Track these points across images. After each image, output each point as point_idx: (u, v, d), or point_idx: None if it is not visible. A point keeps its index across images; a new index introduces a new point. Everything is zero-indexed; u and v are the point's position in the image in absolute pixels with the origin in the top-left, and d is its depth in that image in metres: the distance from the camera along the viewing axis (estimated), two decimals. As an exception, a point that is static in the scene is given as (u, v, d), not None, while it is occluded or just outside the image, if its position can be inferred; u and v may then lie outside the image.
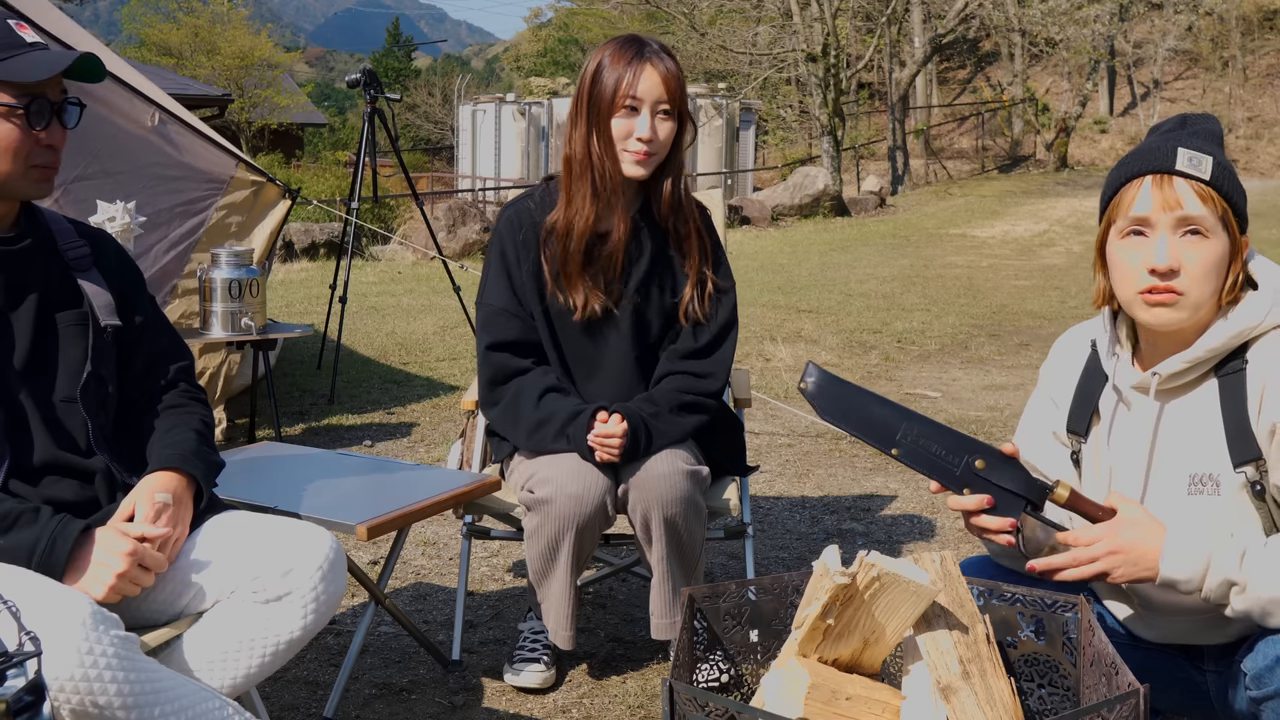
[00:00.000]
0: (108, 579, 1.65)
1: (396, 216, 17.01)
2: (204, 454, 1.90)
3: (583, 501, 2.31)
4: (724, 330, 2.55)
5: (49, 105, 1.78)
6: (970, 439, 1.69)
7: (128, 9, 33.07)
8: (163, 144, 4.40)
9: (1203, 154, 1.67)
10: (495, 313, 2.52)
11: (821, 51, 20.69)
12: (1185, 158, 1.66)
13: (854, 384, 1.74)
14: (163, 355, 2.01)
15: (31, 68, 1.73)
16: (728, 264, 2.63)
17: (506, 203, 2.67)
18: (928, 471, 1.68)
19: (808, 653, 1.55)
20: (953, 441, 1.68)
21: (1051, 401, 1.90)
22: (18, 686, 1.20)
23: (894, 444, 1.67)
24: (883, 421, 1.68)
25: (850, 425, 1.70)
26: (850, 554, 1.53)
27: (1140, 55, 30.45)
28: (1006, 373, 6.41)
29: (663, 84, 2.37)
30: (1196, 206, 1.64)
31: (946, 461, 1.67)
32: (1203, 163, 1.66)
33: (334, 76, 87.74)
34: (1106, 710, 1.37)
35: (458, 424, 5.05)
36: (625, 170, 2.42)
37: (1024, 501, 1.67)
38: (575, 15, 39.32)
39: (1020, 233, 15.16)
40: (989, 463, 1.67)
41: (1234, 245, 1.67)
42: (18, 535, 1.66)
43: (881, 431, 1.68)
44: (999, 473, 1.67)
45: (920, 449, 1.67)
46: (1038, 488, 1.67)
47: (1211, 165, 1.66)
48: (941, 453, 1.68)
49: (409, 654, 2.77)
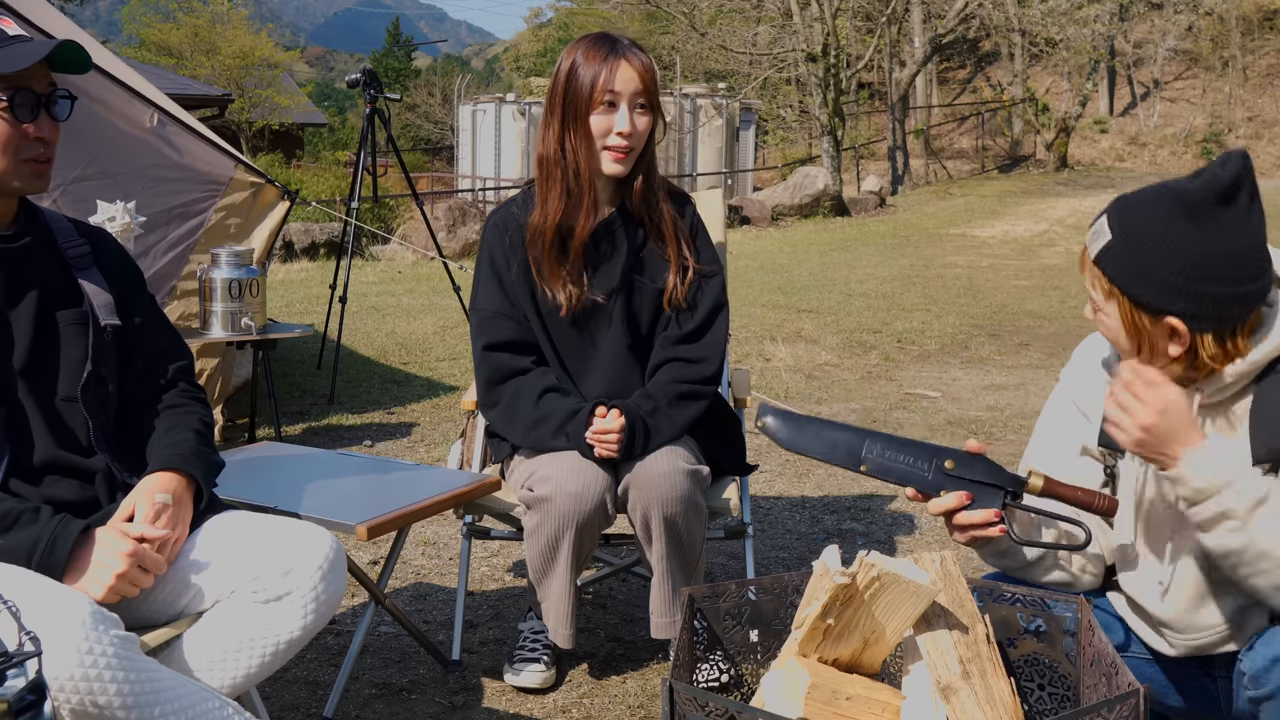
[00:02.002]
0: (107, 579, 1.65)
1: (396, 216, 17.01)
2: (204, 454, 1.90)
3: (583, 500, 2.31)
4: (712, 313, 2.55)
5: (35, 97, 1.77)
6: (934, 445, 1.73)
7: (128, 9, 33.08)
8: (162, 145, 4.40)
9: (1106, 228, 1.63)
10: (489, 316, 2.53)
11: (821, 51, 20.69)
12: (1091, 231, 1.67)
13: (808, 415, 1.82)
14: (162, 355, 2.01)
15: (9, 60, 1.72)
16: (713, 249, 2.63)
17: (491, 210, 2.68)
18: (899, 480, 1.73)
19: (808, 653, 1.55)
20: (918, 449, 1.73)
21: (1080, 413, 1.85)
22: (18, 686, 1.20)
23: (860, 460, 1.73)
24: (845, 443, 1.75)
25: (815, 451, 1.76)
26: (850, 554, 1.54)
27: (1140, 55, 30.46)
28: (1006, 373, 6.41)
29: (639, 78, 2.39)
30: (1092, 284, 1.67)
31: (916, 468, 1.72)
32: (1099, 236, 1.64)
33: (334, 76, 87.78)
34: (1106, 710, 1.37)
35: (458, 424, 5.05)
36: (605, 169, 2.44)
37: (1002, 491, 1.70)
38: (575, 15, 39.35)
39: (1020, 233, 15.16)
40: (958, 462, 1.71)
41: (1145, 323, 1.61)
42: (18, 535, 1.66)
43: (845, 452, 1.74)
44: (970, 469, 1.71)
45: (887, 461, 1.73)
46: (1011, 478, 1.70)
47: (1106, 243, 1.62)
48: (909, 460, 1.73)
49: (409, 654, 2.77)
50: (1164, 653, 1.79)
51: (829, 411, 5.34)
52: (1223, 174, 1.56)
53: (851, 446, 1.74)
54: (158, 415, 1.95)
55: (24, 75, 1.75)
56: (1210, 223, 1.57)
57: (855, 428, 1.77)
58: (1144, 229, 1.59)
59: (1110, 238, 1.62)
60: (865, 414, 5.31)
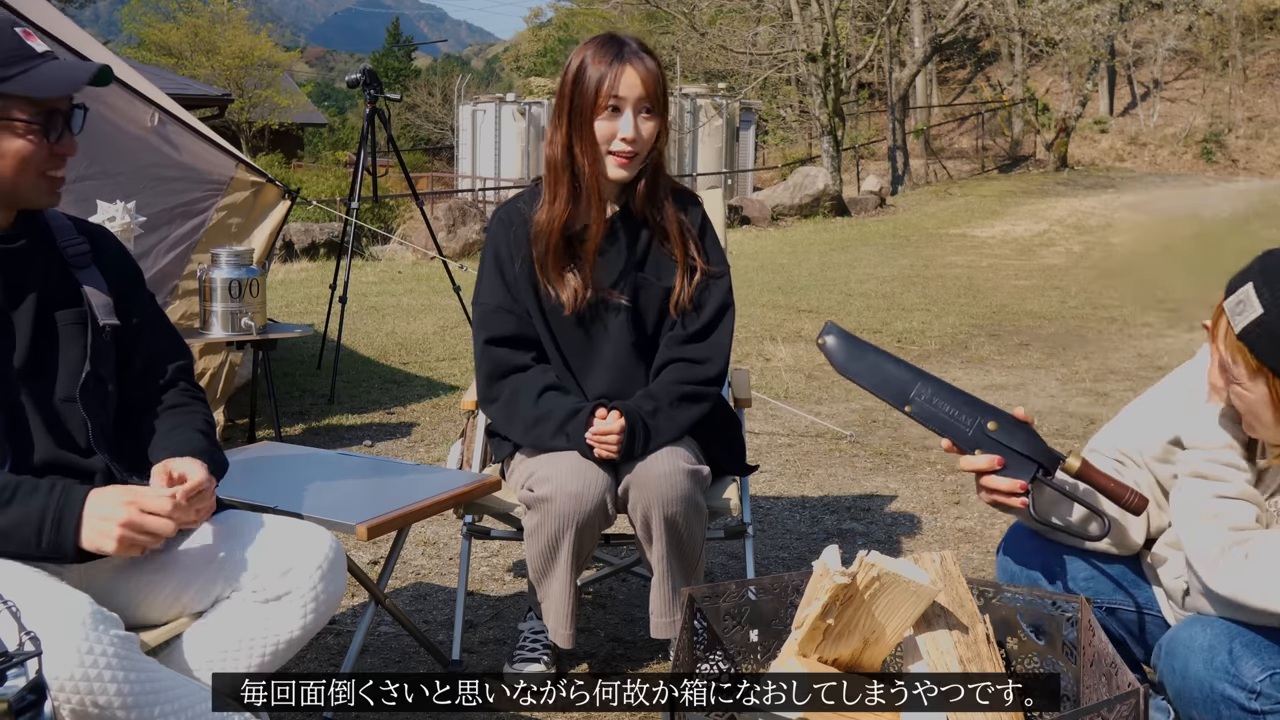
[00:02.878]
0: (112, 531, 1.61)
1: (396, 216, 17.01)
2: (212, 453, 1.90)
3: (583, 500, 2.31)
4: (718, 314, 2.55)
5: (62, 117, 1.77)
6: (983, 403, 1.70)
7: (128, 9, 33.05)
8: (162, 145, 4.40)
9: (1255, 299, 1.49)
10: (491, 310, 2.53)
11: (821, 51, 20.69)
12: (1233, 300, 1.54)
13: (870, 343, 1.77)
14: (161, 355, 2.00)
15: (49, 83, 1.72)
16: (721, 250, 2.63)
17: (498, 206, 2.68)
18: (940, 430, 1.70)
19: (808, 653, 1.55)
20: (966, 402, 1.70)
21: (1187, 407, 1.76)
22: (19, 686, 1.20)
23: (908, 401, 1.71)
24: (898, 379, 1.72)
25: (866, 381, 1.74)
26: (850, 554, 1.54)
27: (1140, 55, 30.45)
28: (1006, 373, 6.41)
29: (643, 84, 2.38)
30: (1231, 357, 1.55)
31: (959, 421, 1.70)
32: (1247, 309, 1.51)
33: (334, 76, 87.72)
34: (1106, 710, 1.37)
35: (458, 424, 5.05)
36: (610, 174, 2.44)
37: (1035, 465, 1.68)
38: (575, 15, 39.35)
39: (1020, 233, 15.16)
40: (1001, 424, 1.69)
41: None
42: (22, 507, 1.63)
43: (896, 388, 1.72)
44: (1011, 435, 1.69)
45: (933, 408, 1.70)
46: (1049, 453, 1.68)
47: (1256, 317, 1.49)
48: (954, 413, 1.70)
49: (409, 654, 2.77)
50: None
51: (829, 411, 5.34)
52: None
53: (903, 384, 1.72)
54: (158, 416, 1.95)
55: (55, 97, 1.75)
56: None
57: (912, 367, 1.74)
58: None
59: (1261, 312, 1.50)
60: (865, 414, 5.31)
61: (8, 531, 1.63)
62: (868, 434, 4.97)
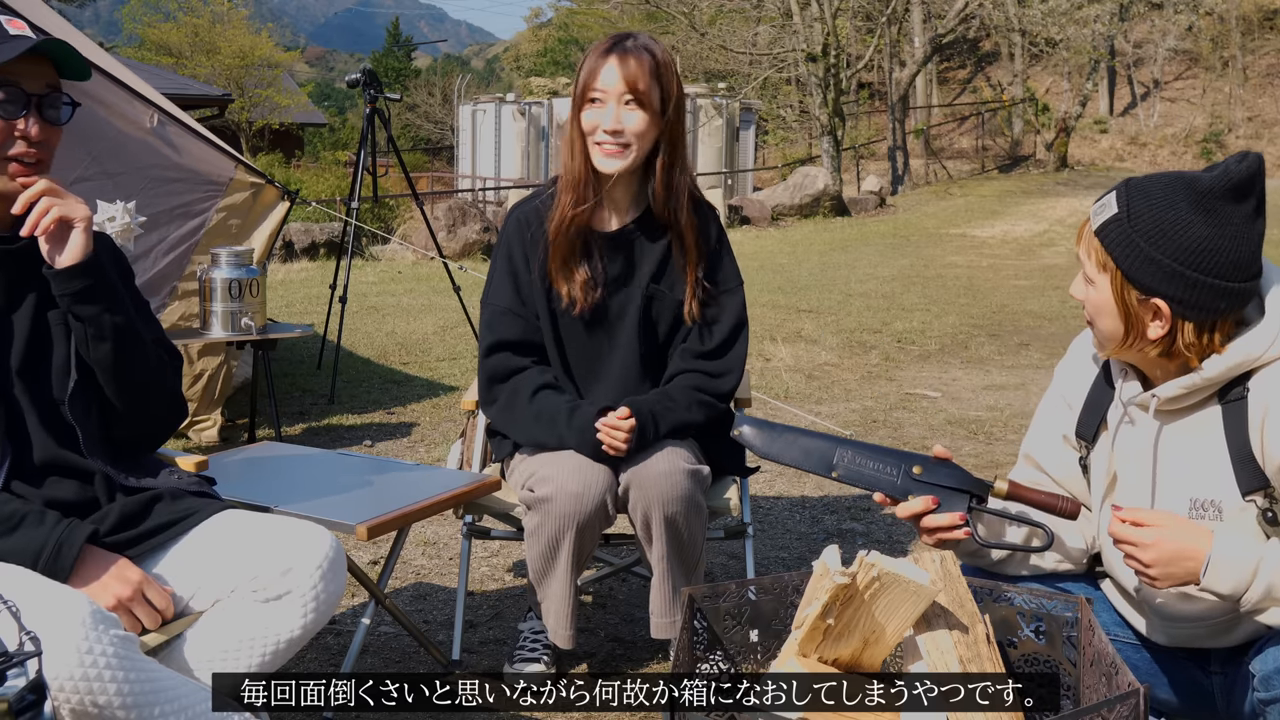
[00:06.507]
0: (108, 600, 1.67)
1: (396, 216, 17.00)
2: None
3: (583, 500, 2.31)
4: (734, 331, 2.55)
5: (24, 96, 1.76)
6: (903, 451, 1.80)
7: (128, 9, 33.05)
8: (162, 146, 4.40)
9: (1114, 202, 1.66)
10: (499, 313, 2.53)
11: (821, 51, 20.69)
12: (1097, 204, 1.70)
13: (782, 424, 1.88)
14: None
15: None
16: (735, 264, 2.62)
17: (514, 204, 2.68)
18: (869, 486, 1.79)
19: (808, 653, 1.55)
20: (887, 455, 1.80)
21: (1065, 403, 1.90)
22: (19, 686, 1.20)
23: (832, 467, 1.80)
24: (818, 450, 1.82)
25: (789, 458, 1.84)
26: (850, 554, 1.54)
27: (1140, 55, 30.46)
28: (1006, 373, 6.41)
29: (624, 77, 2.38)
30: (1087, 254, 1.70)
31: (885, 474, 1.79)
32: (1105, 209, 1.67)
33: (334, 76, 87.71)
34: (1106, 710, 1.37)
35: (458, 424, 5.05)
36: (597, 164, 2.43)
37: (967, 495, 1.76)
38: (575, 15, 39.31)
39: (1020, 233, 15.17)
40: (925, 467, 1.78)
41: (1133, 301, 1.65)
42: (24, 536, 1.66)
43: (819, 459, 1.82)
44: (936, 474, 1.77)
45: (858, 468, 1.80)
46: (977, 482, 1.77)
47: (1110, 216, 1.65)
48: (879, 467, 1.79)
49: (409, 654, 2.77)
50: (1157, 642, 1.80)
51: (829, 411, 5.34)
52: (1238, 170, 1.58)
53: (824, 454, 1.81)
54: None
55: (14, 72, 1.73)
56: (1216, 215, 1.59)
57: (828, 435, 1.84)
58: (1150, 209, 1.62)
59: (1115, 211, 1.64)
60: (865, 414, 5.31)
61: (4, 557, 1.66)
62: (867, 434, 4.97)
